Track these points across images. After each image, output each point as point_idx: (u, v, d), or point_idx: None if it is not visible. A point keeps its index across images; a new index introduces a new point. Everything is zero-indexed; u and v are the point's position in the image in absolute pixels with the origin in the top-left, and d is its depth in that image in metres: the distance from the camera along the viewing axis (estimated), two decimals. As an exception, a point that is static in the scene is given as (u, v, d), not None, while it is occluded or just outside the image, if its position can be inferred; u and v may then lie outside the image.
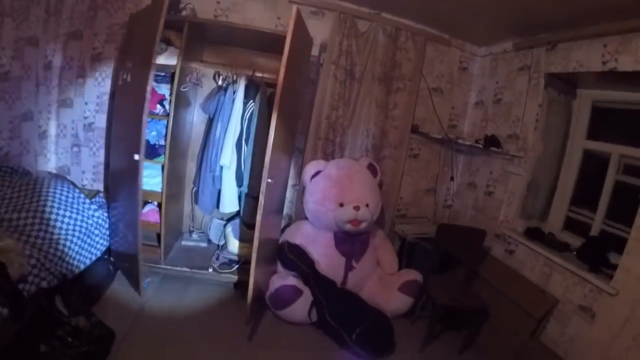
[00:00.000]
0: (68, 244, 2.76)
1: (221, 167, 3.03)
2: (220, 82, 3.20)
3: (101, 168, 3.46)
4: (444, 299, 2.78)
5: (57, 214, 2.76)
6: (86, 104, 3.37)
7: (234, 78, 3.08)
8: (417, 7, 3.22)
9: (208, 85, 3.33)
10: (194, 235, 3.42)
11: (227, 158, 2.91)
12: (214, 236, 3.39)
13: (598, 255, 2.65)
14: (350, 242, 3.04)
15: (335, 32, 3.20)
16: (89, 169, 3.44)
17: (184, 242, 3.34)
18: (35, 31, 3.31)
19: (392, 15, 3.38)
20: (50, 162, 3.47)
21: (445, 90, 3.67)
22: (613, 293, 2.32)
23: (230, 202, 3.10)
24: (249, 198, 3.08)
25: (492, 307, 2.90)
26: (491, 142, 3.34)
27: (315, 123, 3.29)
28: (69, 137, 3.44)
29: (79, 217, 2.87)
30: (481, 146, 3.35)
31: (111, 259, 3.06)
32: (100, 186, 3.47)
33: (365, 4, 3.31)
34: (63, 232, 2.77)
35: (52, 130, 3.44)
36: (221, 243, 3.34)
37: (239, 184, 3.06)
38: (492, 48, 3.64)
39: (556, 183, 3.22)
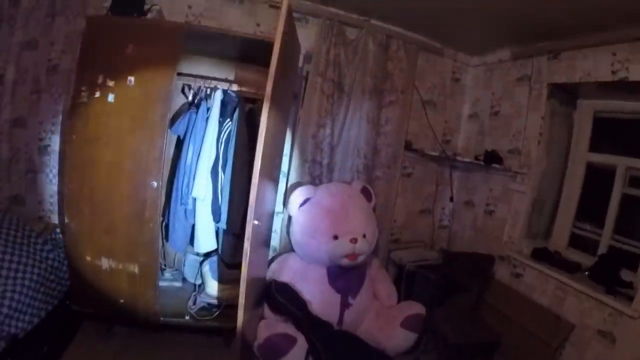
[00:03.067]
0: (17, 296, 2.11)
1: (194, 199, 2.39)
2: (190, 98, 2.56)
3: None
4: (456, 337, 2.33)
5: (2, 260, 2.12)
6: (41, 123, 2.72)
7: (207, 92, 2.49)
8: (408, 13, 2.71)
9: (177, 100, 2.68)
10: (167, 274, 2.76)
11: (201, 189, 2.31)
12: (189, 274, 2.73)
13: (611, 275, 2.30)
14: (346, 276, 2.50)
15: (321, 39, 2.69)
16: (46, 198, 2.76)
17: None
18: None
19: (382, 22, 2.87)
20: (2, 191, 2.78)
21: (438, 103, 3.18)
22: (635, 316, 2.08)
23: (206, 241, 2.47)
24: (229, 235, 2.44)
25: (503, 336, 2.48)
26: (492, 158, 2.87)
27: (301, 143, 2.76)
28: (23, 161, 2.76)
29: (29, 262, 2.22)
30: (482, 163, 2.88)
31: (72, 306, 2.37)
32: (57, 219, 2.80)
33: (353, 10, 2.78)
34: (10, 282, 2.12)
35: (4, 153, 2.76)
36: (198, 282, 2.67)
37: (216, 219, 2.40)
38: (486, 57, 3.19)
39: (559, 199, 2.81)
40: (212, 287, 2.52)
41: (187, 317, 2.42)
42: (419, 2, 2.55)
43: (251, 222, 1.66)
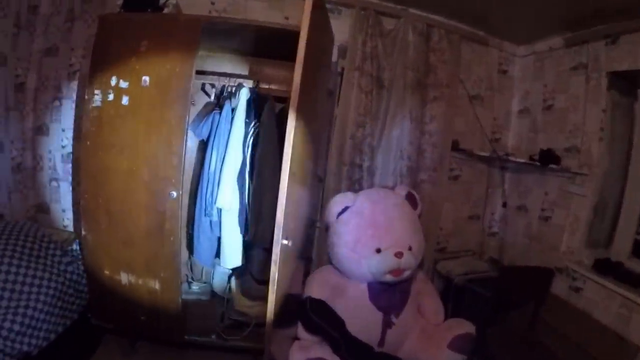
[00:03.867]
0: (30, 312, 1.86)
1: (219, 210, 2.04)
2: (213, 97, 2.27)
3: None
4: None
5: (17, 274, 1.87)
6: (63, 130, 2.51)
7: (232, 90, 2.17)
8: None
9: (200, 101, 2.40)
10: (194, 287, 2.45)
11: (226, 199, 1.95)
12: (218, 287, 2.41)
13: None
14: (389, 293, 2.10)
15: (356, 30, 2.31)
16: (70, 207, 2.55)
17: (182, 296, 2.17)
18: (2, 48, 2.61)
19: (421, 10, 2.46)
20: (27, 200, 2.60)
21: (485, 98, 2.72)
22: None
23: (232, 255, 2.09)
24: (259, 249, 2.10)
25: (561, 360, 2.06)
26: (548, 157, 2.42)
27: (338, 144, 2.37)
28: (47, 169, 2.57)
29: (46, 275, 1.97)
30: (537, 163, 2.43)
31: (92, 320, 2.14)
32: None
33: None
34: (24, 297, 1.86)
35: (28, 162, 2.57)
36: (227, 296, 2.34)
37: (244, 231, 2.04)
38: (535, 46, 2.72)
39: (621, 202, 2.35)
40: (242, 303, 2.21)
41: (213, 337, 2.11)
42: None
43: (279, 242, 1.33)
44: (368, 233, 2.05)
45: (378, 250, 2.04)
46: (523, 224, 2.71)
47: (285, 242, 1.37)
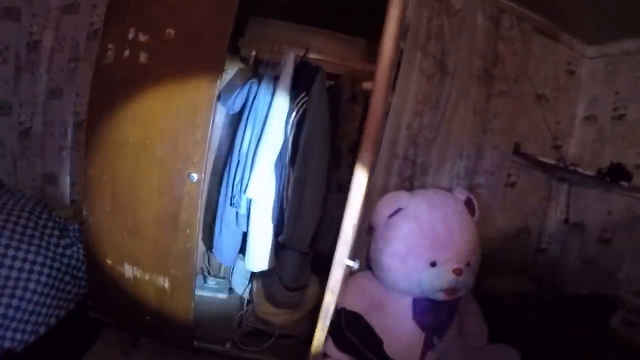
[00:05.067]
0: (16, 302, 1.36)
1: (249, 201, 1.48)
2: (251, 62, 1.69)
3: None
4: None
5: (3, 255, 1.38)
6: (77, 95, 1.98)
7: (274, 58, 1.62)
8: None
9: (232, 68, 1.78)
10: (210, 282, 1.90)
11: (260, 188, 1.38)
12: (238, 284, 1.87)
13: None
14: (436, 312, 1.57)
15: (421, 4, 1.74)
16: (80, 180, 1.96)
17: (196, 292, 1.55)
18: (15, 1, 2.09)
19: None
20: (35, 168, 2.06)
21: (551, 99, 2.11)
22: None
23: (261, 257, 1.51)
24: (293, 252, 1.52)
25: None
26: (618, 173, 1.85)
27: (391, 135, 1.79)
28: (57, 137, 2.03)
29: (39, 260, 1.46)
30: (607, 179, 1.85)
31: (91, 312, 1.59)
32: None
33: None
34: (10, 284, 1.36)
35: (38, 127, 2.03)
36: (247, 296, 1.82)
37: (278, 230, 1.47)
38: (606, 48, 2.11)
39: None
40: (264, 309, 1.65)
41: (228, 345, 1.57)
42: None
43: (342, 264, 0.83)
44: (424, 243, 1.50)
45: (433, 264, 1.50)
46: (578, 244, 2.11)
47: (351, 263, 0.87)
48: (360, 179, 0.88)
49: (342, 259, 0.92)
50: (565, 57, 2.13)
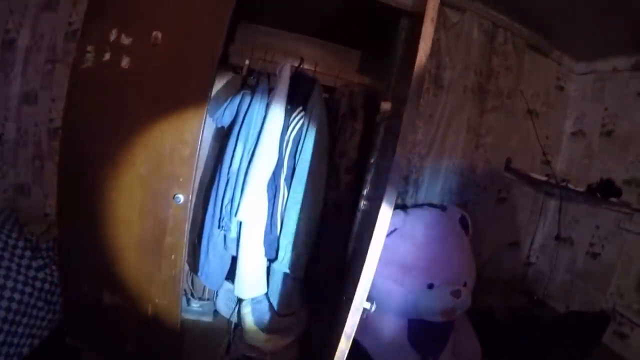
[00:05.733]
0: None
1: (239, 223, 1.30)
2: (244, 72, 1.50)
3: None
4: None
5: None
6: (53, 100, 1.72)
7: (268, 68, 1.43)
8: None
9: (221, 77, 1.63)
10: (194, 305, 1.69)
11: (251, 210, 1.21)
12: (223, 306, 1.64)
13: None
14: (431, 333, 1.44)
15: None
16: (55, 192, 1.49)
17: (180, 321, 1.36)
18: None
19: (488, 6, 1.75)
20: (6, 178, 1.78)
21: (540, 114, 2.01)
22: None
23: (252, 283, 1.34)
24: (286, 277, 1.35)
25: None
26: (607, 189, 1.76)
27: None
28: (30, 145, 1.76)
29: (9, 284, 1.24)
30: (598, 194, 1.76)
31: (67, 339, 1.38)
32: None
33: None
34: None
35: (11, 134, 1.75)
36: (234, 319, 1.58)
37: (271, 254, 1.30)
38: (595, 64, 2.04)
39: None
40: (254, 335, 1.45)
41: None
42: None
43: (360, 309, 0.70)
44: (420, 265, 1.38)
45: (430, 286, 1.37)
46: (567, 258, 2.01)
47: (368, 305, 0.73)
48: (385, 217, 0.74)
49: (360, 303, 0.78)
50: (554, 73, 2.04)
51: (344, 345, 0.79)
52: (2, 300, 1.28)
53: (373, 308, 0.85)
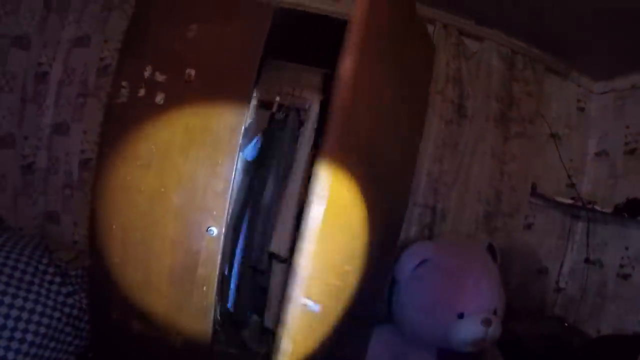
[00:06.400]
0: (11, 355, 1.17)
1: (270, 255, 1.30)
2: (275, 107, 1.50)
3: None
4: None
5: (0, 303, 1.20)
6: (85, 132, 1.82)
7: (296, 103, 1.45)
8: (535, 24, 1.68)
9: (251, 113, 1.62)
10: (222, 336, 1.60)
11: (283, 243, 1.22)
12: (251, 338, 1.58)
13: None
14: None
15: (440, 48, 1.64)
16: (84, 221, 1.81)
17: None
18: (26, 29, 1.86)
19: (504, 32, 1.79)
20: (36, 206, 1.87)
21: (563, 137, 2.01)
22: None
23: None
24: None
25: None
26: (635, 208, 1.73)
27: (413, 182, 1.60)
28: (61, 174, 1.85)
29: (38, 309, 1.27)
30: (625, 214, 1.73)
31: None
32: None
33: (471, 17, 1.75)
34: (5, 335, 1.17)
35: (42, 163, 1.85)
36: (262, 351, 1.53)
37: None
38: (615, 83, 2.03)
39: None
40: None
41: None
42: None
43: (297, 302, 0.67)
44: (450, 294, 1.36)
45: (461, 316, 1.34)
46: (597, 281, 1.96)
47: (310, 303, 0.71)
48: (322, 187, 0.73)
49: (297, 296, 0.73)
50: (574, 95, 2.05)
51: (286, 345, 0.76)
52: (30, 324, 1.30)
53: (317, 309, 0.80)
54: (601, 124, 2.09)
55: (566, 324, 1.96)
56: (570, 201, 1.85)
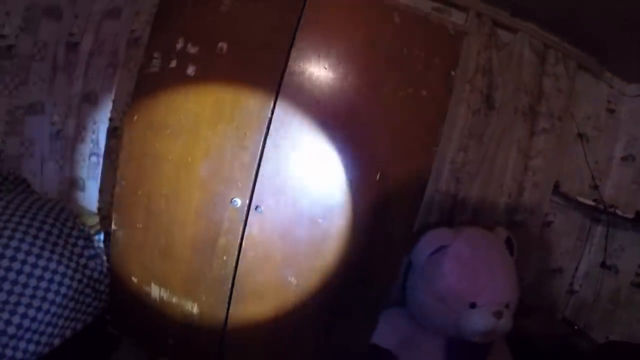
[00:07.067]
0: (33, 312, 1.21)
1: None
2: None
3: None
4: None
5: (24, 262, 1.22)
6: (114, 102, 1.83)
7: None
8: (571, 20, 1.60)
9: None
10: None
11: None
12: None
13: None
14: (469, 354, 1.41)
15: (472, 36, 1.59)
16: (108, 188, 1.84)
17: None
18: (57, 1, 1.95)
19: (538, 26, 1.72)
20: (62, 172, 1.93)
21: (591, 138, 1.96)
22: None
23: None
24: None
25: None
26: None
27: (435, 169, 1.61)
28: (88, 142, 1.89)
29: (61, 269, 1.29)
30: None
31: (110, 327, 1.47)
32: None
33: (506, 7, 1.68)
34: (28, 293, 1.21)
35: (70, 130, 1.90)
36: None
37: None
38: None
39: None
40: None
41: None
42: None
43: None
44: (464, 283, 1.35)
45: (473, 305, 1.33)
46: (611, 287, 1.93)
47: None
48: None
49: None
50: (605, 95, 1.98)
51: None
52: (53, 284, 1.34)
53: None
54: (630, 128, 2.03)
55: (576, 327, 1.96)
56: (592, 203, 1.81)
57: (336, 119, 1.16)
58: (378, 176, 1.11)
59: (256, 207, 1.13)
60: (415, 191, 1.16)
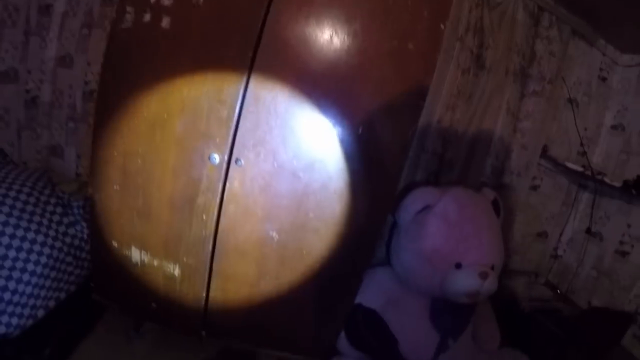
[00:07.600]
0: (13, 285, 1.19)
1: None
2: None
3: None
4: None
5: (2, 234, 1.19)
6: (89, 64, 1.74)
7: None
8: None
9: None
10: None
11: None
12: None
13: None
14: (453, 314, 1.43)
15: None
16: (87, 153, 1.75)
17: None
18: None
19: None
20: (40, 139, 1.84)
21: (581, 104, 1.93)
22: None
23: None
24: None
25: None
26: None
27: (420, 128, 1.59)
28: (65, 107, 1.80)
29: (39, 239, 1.26)
30: (633, 191, 1.66)
31: (93, 295, 1.43)
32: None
33: None
34: (7, 265, 1.17)
35: (46, 96, 1.80)
36: None
37: None
38: None
39: None
40: None
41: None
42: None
43: None
44: (450, 243, 1.35)
45: (458, 266, 1.34)
46: (594, 254, 1.95)
47: None
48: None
49: None
50: (598, 63, 1.94)
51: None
52: (32, 254, 1.30)
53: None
54: (621, 97, 2.00)
55: (559, 291, 1.99)
56: (580, 169, 1.80)
57: (316, 71, 1.11)
58: (360, 130, 1.08)
59: (236, 160, 1.10)
60: (400, 148, 1.13)
